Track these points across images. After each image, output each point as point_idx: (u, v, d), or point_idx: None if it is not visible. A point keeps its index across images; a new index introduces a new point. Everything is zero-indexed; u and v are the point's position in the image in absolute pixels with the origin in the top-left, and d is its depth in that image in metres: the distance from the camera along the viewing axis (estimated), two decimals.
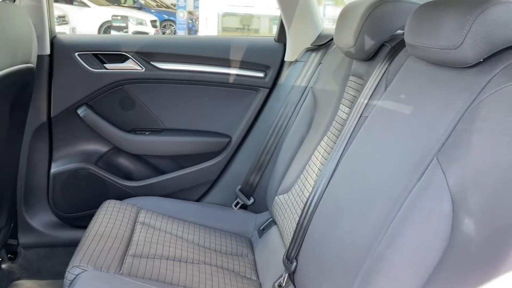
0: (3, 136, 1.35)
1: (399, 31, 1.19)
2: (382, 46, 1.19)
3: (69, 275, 1.14)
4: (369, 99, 1.10)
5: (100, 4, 12.19)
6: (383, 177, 0.88)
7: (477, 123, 0.71)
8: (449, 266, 0.69)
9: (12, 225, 1.62)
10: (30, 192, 1.70)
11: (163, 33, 13.19)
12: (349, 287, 0.83)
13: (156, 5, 15.36)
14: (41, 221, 1.73)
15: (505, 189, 0.64)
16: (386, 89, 1.07)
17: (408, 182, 0.80)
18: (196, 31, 11.42)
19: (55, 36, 1.68)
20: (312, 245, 1.09)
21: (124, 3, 14.94)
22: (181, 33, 11.27)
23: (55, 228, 1.75)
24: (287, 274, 1.18)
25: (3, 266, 1.72)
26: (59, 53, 1.65)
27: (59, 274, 1.27)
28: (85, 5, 11.45)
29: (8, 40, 1.15)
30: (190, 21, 11.66)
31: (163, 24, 13.28)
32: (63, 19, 9.03)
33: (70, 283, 1.13)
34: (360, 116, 1.11)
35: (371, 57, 1.21)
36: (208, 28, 7.62)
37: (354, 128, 1.11)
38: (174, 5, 12.25)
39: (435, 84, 0.87)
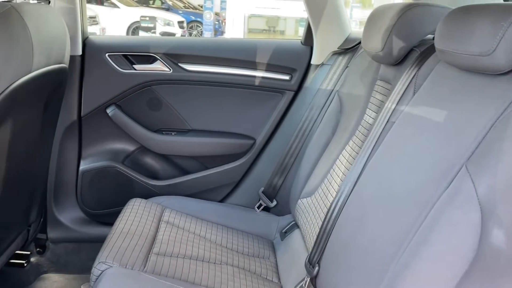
0: (36, 134, 1.40)
1: (429, 36, 1.18)
2: (411, 51, 1.18)
3: (95, 270, 1.17)
4: (396, 104, 1.09)
5: (129, 5, 12.45)
6: (410, 184, 0.87)
7: (510, 131, 0.70)
8: (477, 277, 0.67)
9: (42, 219, 1.68)
10: (59, 188, 1.76)
11: (190, 34, 13.36)
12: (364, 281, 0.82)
13: (184, 6, 15.57)
14: (69, 216, 1.78)
15: None
16: (414, 95, 1.05)
17: (435, 190, 0.78)
18: (222, 32, 11.52)
19: (87, 37, 1.72)
20: (335, 250, 1.08)
21: (153, 4, 15.21)
22: (208, 34, 11.40)
23: (82, 224, 1.80)
24: (308, 279, 1.18)
25: (32, 259, 1.78)
26: (91, 53, 1.70)
27: (85, 269, 1.32)
28: (115, 6, 11.72)
29: (44, 41, 1.19)
30: (216, 22, 11.78)
31: (190, 25, 13.45)
32: (93, 20, 9.26)
33: (96, 279, 1.16)
34: (387, 121, 1.10)
35: (399, 61, 1.20)
36: (234, 30, 7.67)
37: (381, 133, 1.10)
38: (201, 6, 12.39)
39: (466, 91, 0.85)
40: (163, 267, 1.23)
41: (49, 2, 1.53)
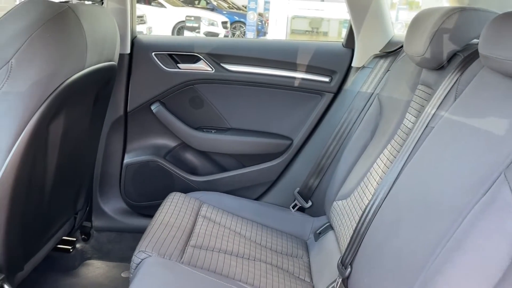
0: (86, 127, 1.49)
1: (474, 41, 1.15)
2: (454, 55, 1.16)
3: (135, 259, 1.23)
4: (437, 109, 1.08)
5: (175, 5, 12.77)
6: (447, 190, 0.86)
7: None
8: (510, 286, 0.66)
9: (87, 208, 1.77)
10: (104, 180, 1.85)
11: (233, 34, 13.50)
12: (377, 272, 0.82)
13: (228, 7, 15.77)
14: (112, 207, 1.87)
15: None
16: (455, 100, 1.04)
17: (472, 196, 0.78)
18: (265, 33, 11.57)
19: (136, 37, 1.81)
20: (368, 252, 1.08)
21: (198, 4, 15.52)
22: (250, 34, 11.47)
23: (124, 214, 1.88)
24: (340, 280, 1.18)
25: (78, 245, 1.88)
26: (138, 52, 1.78)
27: (125, 258, 1.39)
28: (162, 5, 12.05)
29: (97, 40, 1.27)
30: (259, 23, 11.85)
31: (233, 25, 13.59)
32: (141, 19, 9.56)
33: (136, 267, 1.22)
34: (426, 126, 1.09)
35: (442, 66, 1.18)
36: (277, 30, 7.69)
37: (419, 138, 1.09)
38: (245, 7, 12.51)
39: (510, 98, 0.84)
40: (199, 259, 1.28)
41: (102, 3, 1.62)
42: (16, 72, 1.03)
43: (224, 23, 12.41)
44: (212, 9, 14.58)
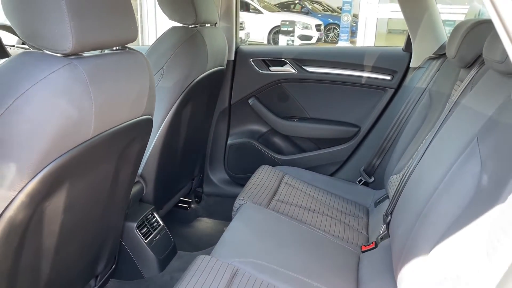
0: (202, 115, 2.07)
1: None
2: (479, 57, 1.50)
3: (236, 204, 1.75)
4: (457, 98, 1.44)
5: (271, 11, 13.28)
6: (449, 150, 1.24)
7: (504, 114, 1.05)
8: (473, 206, 1.04)
9: (201, 176, 2.36)
10: (213, 156, 2.43)
11: (327, 36, 13.68)
12: (414, 222, 1.22)
13: (322, 9, 15.97)
14: (218, 177, 2.44)
15: None
16: (470, 91, 1.39)
17: (461, 151, 1.15)
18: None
19: (238, 47, 2.36)
20: (400, 203, 1.48)
21: (293, 8, 15.97)
22: (344, 36, 11.61)
23: (226, 183, 2.44)
24: (384, 225, 1.59)
25: (192, 206, 2.48)
26: (240, 59, 2.33)
27: (227, 216, 1.80)
28: (259, 12, 12.58)
29: (214, 51, 1.83)
30: (354, 24, 11.89)
31: (327, 28, 13.75)
32: (240, 26, 10.23)
33: (237, 210, 1.74)
34: (449, 111, 1.45)
35: (469, 66, 1.53)
36: (367, 32, 7.90)
37: (444, 119, 1.46)
38: (340, 9, 12.63)
39: (495, 87, 1.19)
40: (280, 208, 1.76)
41: (215, 24, 2.19)
42: (166, 74, 1.61)
43: (318, 26, 12.61)
44: (307, 13, 14.87)
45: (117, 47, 1.05)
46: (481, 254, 0.90)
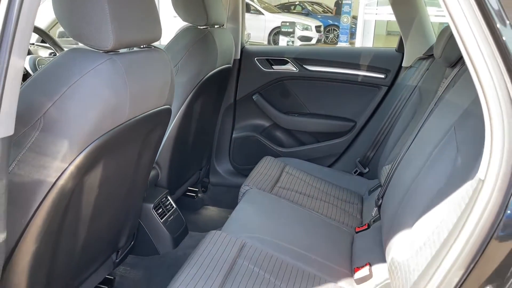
0: (211, 109, 2.24)
1: None
2: (461, 57, 1.67)
3: (242, 189, 1.92)
4: (442, 93, 1.62)
5: (272, 12, 13.42)
6: (431, 138, 1.42)
7: (476, 106, 1.22)
8: (450, 182, 1.21)
9: (208, 167, 2.54)
10: (219, 149, 2.60)
11: (326, 37, 13.83)
12: (401, 201, 1.40)
13: (322, 11, 16.15)
14: (223, 168, 2.61)
15: None
16: (453, 87, 1.57)
17: (441, 138, 1.33)
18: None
19: (244, 46, 2.53)
20: (391, 188, 1.65)
21: (293, 9, 16.15)
22: (343, 37, 11.77)
23: (231, 174, 2.61)
24: (376, 208, 1.76)
25: (199, 195, 2.65)
26: (245, 58, 2.50)
27: (232, 205, 1.90)
28: (259, 12, 12.70)
29: (223, 50, 2.00)
30: (353, 26, 12.05)
31: (327, 29, 13.89)
32: None
33: (243, 195, 1.91)
34: (435, 105, 1.63)
35: (454, 64, 1.70)
36: (365, 34, 8.08)
37: (429, 113, 1.63)
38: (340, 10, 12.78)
39: (466, 83, 1.37)
40: (282, 194, 1.94)
41: (223, 26, 2.36)
42: (181, 71, 1.79)
43: (317, 27, 12.73)
44: (307, 14, 15.04)
45: (144, 45, 1.22)
46: (454, 221, 1.07)
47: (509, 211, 0.74)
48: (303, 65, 2.45)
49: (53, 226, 1.05)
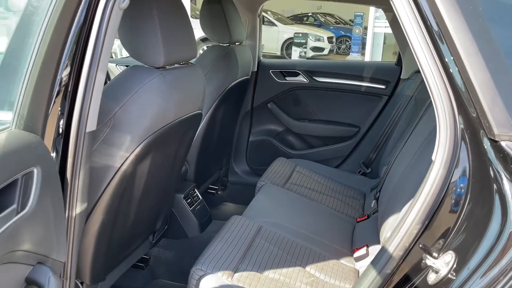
0: (230, 115, 2.55)
1: None
2: None
3: (258, 184, 2.21)
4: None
5: (285, 23, 13.67)
6: (417, 139, 1.70)
7: None
8: None
9: (227, 167, 2.84)
10: (237, 151, 2.90)
11: (338, 48, 14.05)
12: (391, 191, 1.68)
13: (335, 22, 16.41)
14: (241, 168, 2.90)
15: None
16: None
17: (424, 138, 1.61)
18: None
19: (260, 60, 2.84)
20: (386, 182, 1.93)
21: (306, 21, 16.44)
22: (355, 48, 11.99)
23: (248, 174, 2.90)
24: (374, 200, 2.04)
25: (219, 192, 2.94)
26: (261, 70, 2.81)
27: (248, 201, 2.09)
28: (273, 24, 12.93)
29: (243, 64, 2.31)
30: (365, 37, 12.29)
31: (339, 40, 14.11)
32: None
33: (259, 189, 2.20)
34: (425, 109, 1.91)
35: None
36: (374, 44, 8.37)
37: (420, 117, 1.91)
38: (352, 21, 13.02)
39: None
40: (293, 189, 2.22)
41: (242, 43, 2.68)
42: (207, 82, 2.10)
43: (330, 38, 12.95)
44: (319, 25, 15.29)
45: (183, 62, 1.54)
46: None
47: (451, 182, 1.03)
48: (313, 77, 2.75)
49: (115, 203, 1.36)
